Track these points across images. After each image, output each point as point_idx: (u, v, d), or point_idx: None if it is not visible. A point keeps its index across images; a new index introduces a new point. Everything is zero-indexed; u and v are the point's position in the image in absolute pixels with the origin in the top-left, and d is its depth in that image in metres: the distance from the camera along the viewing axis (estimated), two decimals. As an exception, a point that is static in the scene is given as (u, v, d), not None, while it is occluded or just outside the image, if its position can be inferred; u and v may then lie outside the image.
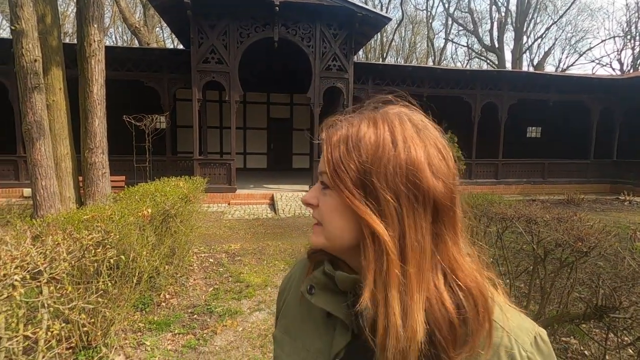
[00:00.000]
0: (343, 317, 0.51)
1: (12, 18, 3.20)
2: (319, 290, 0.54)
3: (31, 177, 3.53)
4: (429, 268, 0.45)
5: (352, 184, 0.47)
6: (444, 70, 11.90)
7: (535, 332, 0.48)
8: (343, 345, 0.50)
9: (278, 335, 0.61)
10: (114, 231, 2.30)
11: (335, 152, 0.49)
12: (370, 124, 0.49)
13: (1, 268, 1.57)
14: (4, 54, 9.11)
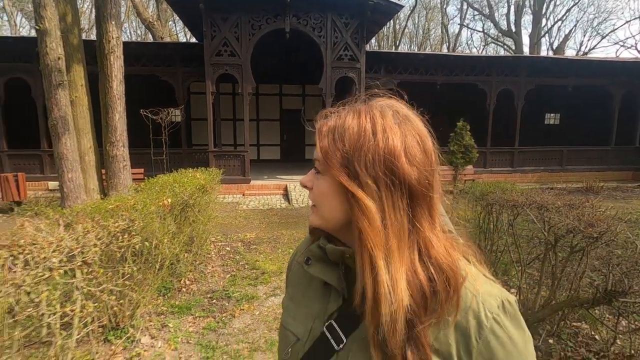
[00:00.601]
0: (335, 284, 0.59)
1: (36, 18, 3.36)
2: (315, 261, 0.62)
3: (58, 170, 3.74)
4: (406, 244, 0.52)
5: (339, 170, 0.53)
6: (457, 57, 11.69)
7: (503, 297, 0.53)
8: (335, 308, 0.59)
9: (285, 301, 0.71)
10: (138, 220, 2.44)
11: (324, 141, 0.55)
12: (355, 116, 0.55)
13: (41, 252, 1.72)
14: (25, 52, 9.44)
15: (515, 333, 0.52)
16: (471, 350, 0.50)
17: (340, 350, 0.56)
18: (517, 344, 0.51)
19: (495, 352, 0.50)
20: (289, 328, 0.65)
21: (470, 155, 4.63)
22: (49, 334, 1.79)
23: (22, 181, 7.29)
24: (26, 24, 31.28)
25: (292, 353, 0.61)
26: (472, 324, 0.51)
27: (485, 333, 0.50)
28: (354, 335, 0.55)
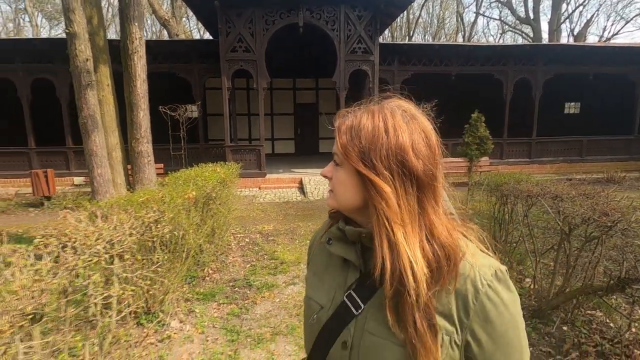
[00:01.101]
0: (354, 260, 0.69)
1: (66, 22, 3.54)
2: (335, 241, 0.72)
3: (88, 165, 3.96)
4: (416, 224, 0.62)
5: (357, 162, 0.62)
6: (473, 47, 11.51)
7: (495, 267, 0.63)
8: (354, 280, 0.69)
9: (308, 276, 0.83)
10: (167, 211, 2.61)
11: (343, 138, 0.65)
12: (369, 116, 0.64)
13: (85, 240, 1.90)
14: (50, 54, 9.80)
15: (506, 296, 0.62)
16: (469, 311, 0.61)
17: (359, 315, 0.66)
18: (507, 304, 0.62)
19: (489, 312, 0.61)
20: (314, 298, 0.76)
21: (485, 146, 4.62)
22: (94, 314, 1.97)
23: (51, 177, 7.66)
24: (46, 24, 32.18)
25: (317, 319, 0.73)
26: (470, 290, 0.61)
27: (480, 297, 0.60)
28: (370, 302, 0.65)
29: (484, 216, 4.34)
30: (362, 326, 0.65)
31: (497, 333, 0.61)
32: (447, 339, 0.61)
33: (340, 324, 0.68)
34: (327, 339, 0.70)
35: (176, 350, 2.69)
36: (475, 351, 0.62)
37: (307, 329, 0.76)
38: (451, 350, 0.61)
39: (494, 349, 0.62)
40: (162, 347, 2.73)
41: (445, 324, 0.61)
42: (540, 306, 2.98)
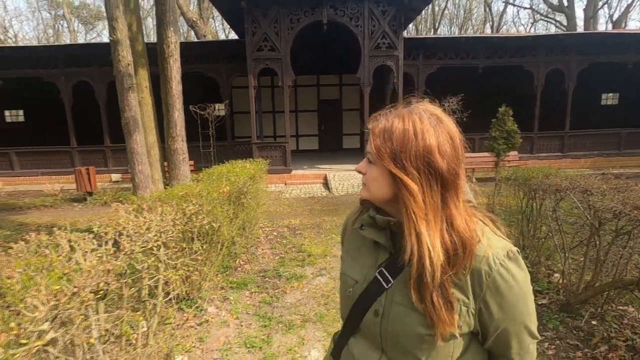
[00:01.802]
0: (384, 242, 0.80)
1: (110, 30, 3.84)
2: (367, 226, 0.84)
3: (130, 163, 4.27)
4: (439, 218, 0.72)
5: (389, 162, 0.72)
6: (501, 38, 11.20)
7: (508, 248, 0.73)
8: (384, 259, 0.81)
9: (343, 255, 0.94)
10: (206, 204, 2.82)
11: (377, 140, 0.74)
12: (400, 120, 0.73)
13: (137, 229, 2.11)
14: (88, 58, 10.43)
15: (517, 273, 0.72)
16: (482, 285, 0.71)
17: (389, 288, 0.77)
18: (517, 280, 0.72)
19: (500, 286, 0.71)
20: (349, 274, 0.88)
21: (513, 140, 4.55)
22: (145, 295, 2.19)
23: (93, 174, 8.20)
24: (82, 29, 33.88)
25: (353, 292, 0.85)
26: (484, 268, 0.71)
27: (493, 274, 0.71)
28: (399, 278, 0.76)
29: (511, 211, 4.30)
30: (392, 298, 0.77)
31: (507, 304, 0.72)
32: (464, 309, 0.72)
33: (373, 296, 0.79)
34: (361, 308, 0.82)
35: (214, 333, 2.91)
36: (487, 318, 0.73)
37: (343, 300, 0.89)
38: (468, 318, 0.73)
39: (504, 317, 0.72)
40: (201, 330, 2.95)
41: (462, 297, 0.72)
42: (568, 300, 2.97)
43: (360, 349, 0.83)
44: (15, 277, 1.42)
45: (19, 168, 11.18)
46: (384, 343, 0.78)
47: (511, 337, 0.75)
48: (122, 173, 10.88)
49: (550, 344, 2.61)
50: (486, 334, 0.76)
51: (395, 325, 0.75)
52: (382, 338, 0.78)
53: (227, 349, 2.68)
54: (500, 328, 0.73)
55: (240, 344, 2.75)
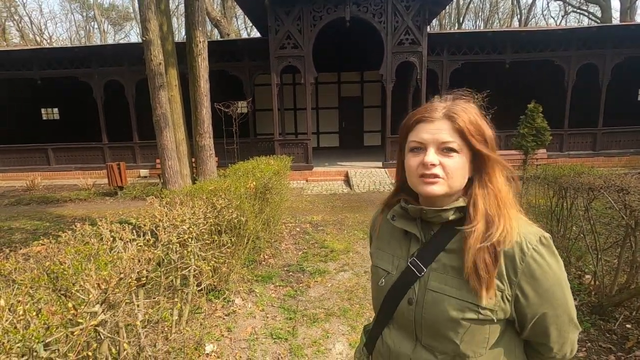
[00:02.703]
0: (416, 232, 0.83)
1: (142, 31, 4.01)
2: (398, 217, 0.87)
3: (160, 158, 4.44)
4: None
5: (482, 146, 0.78)
6: (530, 32, 10.80)
7: (540, 234, 0.75)
8: (416, 249, 0.83)
9: (373, 250, 0.97)
10: (234, 199, 2.90)
11: (470, 128, 0.78)
12: (475, 113, 0.80)
13: (172, 221, 2.21)
14: (119, 57, 10.83)
15: (549, 258, 0.74)
16: (517, 270, 0.73)
17: (421, 276, 0.80)
18: (551, 265, 0.74)
19: (534, 271, 0.73)
20: (380, 266, 0.91)
21: (542, 138, 4.41)
22: (179, 284, 2.30)
23: (123, 169, 8.54)
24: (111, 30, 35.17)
25: (385, 282, 0.88)
26: (517, 253, 0.73)
27: (526, 258, 0.72)
28: (431, 266, 0.79)
29: (539, 211, 4.19)
30: (425, 285, 0.79)
31: (543, 289, 0.73)
32: (499, 294, 0.73)
33: (406, 285, 0.82)
34: (394, 297, 0.84)
35: (241, 324, 3.00)
36: (523, 304, 0.74)
37: (376, 292, 0.92)
38: (503, 304, 0.74)
39: (541, 302, 0.74)
40: (228, 320, 3.06)
41: (497, 282, 0.73)
42: (601, 302, 2.88)
43: (395, 339, 0.85)
44: (67, 263, 1.53)
45: (55, 163, 11.78)
46: (419, 330, 0.80)
47: (549, 324, 0.75)
48: (150, 169, 11.27)
49: (581, 347, 2.55)
50: (524, 322, 0.77)
51: (430, 312, 0.77)
52: (416, 326, 0.80)
53: (254, 339, 2.77)
54: (538, 314, 0.74)
55: (267, 334, 2.83)
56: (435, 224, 0.82)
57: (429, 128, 0.78)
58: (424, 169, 0.77)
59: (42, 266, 1.52)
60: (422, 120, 0.80)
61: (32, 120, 14.92)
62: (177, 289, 2.19)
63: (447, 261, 0.78)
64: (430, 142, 0.77)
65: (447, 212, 0.79)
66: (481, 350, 0.76)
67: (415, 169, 0.79)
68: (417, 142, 0.79)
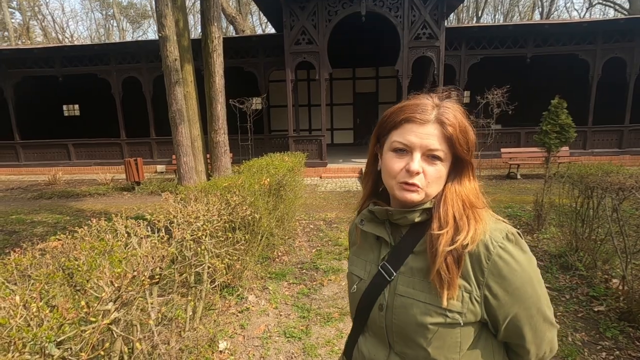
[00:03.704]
0: (384, 235, 0.81)
1: (158, 27, 4.02)
2: (367, 221, 0.84)
3: (176, 154, 4.47)
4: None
5: (466, 154, 0.75)
6: (553, 24, 10.41)
7: (507, 230, 0.72)
8: (386, 253, 0.81)
9: (350, 256, 0.95)
10: (248, 196, 2.88)
11: (458, 135, 0.74)
12: (463, 116, 0.76)
13: (187, 218, 2.20)
14: (137, 54, 11.00)
15: (517, 254, 0.70)
16: (484, 270, 0.69)
17: (391, 280, 0.78)
18: (519, 262, 0.70)
19: (502, 269, 0.69)
20: (354, 272, 0.88)
21: (566, 135, 4.21)
22: (193, 281, 2.29)
23: (140, 165, 8.68)
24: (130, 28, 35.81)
25: (358, 289, 0.85)
26: (482, 251, 0.69)
27: (492, 257, 0.69)
28: (400, 269, 0.77)
29: (563, 211, 4.02)
30: (394, 290, 0.77)
31: (512, 287, 0.69)
32: (466, 295, 0.70)
33: (377, 290, 0.80)
34: (367, 304, 0.82)
35: (254, 321, 2.99)
36: (494, 304, 0.70)
37: (351, 299, 0.90)
38: (472, 306, 0.70)
39: (511, 301, 0.70)
40: (242, 317, 3.04)
41: (464, 283, 0.70)
42: (630, 308, 2.74)
43: (370, 347, 0.83)
44: (82, 259, 1.53)
45: (75, 158, 12.09)
46: (391, 337, 0.78)
47: (523, 324, 0.72)
48: (167, 164, 11.44)
49: (609, 354, 2.43)
50: (496, 323, 0.73)
51: (399, 317, 0.75)
52: (387, 332, 0.78)
53: (268, 337, 2.75)
54: (510, 315, 0.71)
55: (280, 333, 2.81)
56: (403, 226, 0.79)
57: (418, 131, 0.73)
58: (407, 177, 0.73)
59: (58, 262, 1.52)
60: (412, 120, 0.74)
61: (55, 116, 15.36)
62: (190, 286, 2.17)
63: (414, 264, 0.76)
64: (417, 146, 0.73)
65: (413, 213, 0.76)
66: (454, 356, 0.72)
67: (396, 173, 0.75)
68: (403, 144, 0.74)
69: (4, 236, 5.53)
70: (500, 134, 10.51)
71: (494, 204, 6.59)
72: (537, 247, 4.39)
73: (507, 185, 8.41)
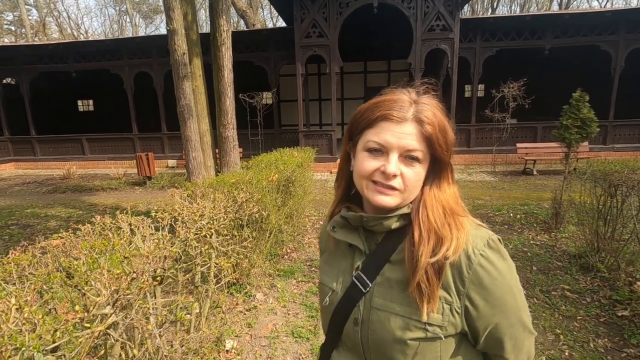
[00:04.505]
0: (357, 243, 0.75)
1: (167, 20, 3.97)
2: (339, 228, 0.77)
3: (184, 149, 4.44)
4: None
5: (444, 155, 0.69)
6: (574, 15, 10.00)
7: (488, 237, 0.68)
8: (360, 262, 0.75)
9: (321, 265, 0.88)
10: (256, 192, 2.81)
11: (438, 135, 0.68)
12: (442, 114, 0.70)
13: (191, 216, 2.14)
14: (148, 49, 11.03)
15: (498, 262, 0.66)
16: (464, 280, 0.65)
17: (367, 292, 0.72)
18: (500, 271, 0.66)
19: (483, 279, 0.65)
20: (326, 283, 0.81)
21: (588, 130, 4.00)
22: (198, 280, 2.24)
23: (152, 160, 8.73)
24: (142, 23, 36.11)
25: (330, 301, 0.78)
26: (463, 260, 0.65)
27: (474, 266, 0.65)
28: (376, 280, 0.71)
29: (584, 209, 3.85)
30: (370, 303, 0.71)
31: (493, 297, 0.66)
32: (447, 307, 0.66)
33: (351, 303, 0.74)
34: (340, 318, 0.76)
35: (262, 320, 2.94)
36: (474, 315, 0.67)
37: (323, 312, 0.83)
38: (452, 318, 0.66)
39: (492, 312, 0.67)
40: (249, 315, 3.00)
41: (444, 294, 0.66)
42: (657, 314, 2.59)
43: None
44: (82, 259, 1.48)
45: (89, 153, 12.26)
46: (367, 353, 0.73)
47: (503, 334, 0.69)
48: (178, 159, 11.51)
49: (634, 363, 2.29)
50: (476, 335, 0.70)
51: (376, 333, 0.70)
52: (364, 348, 0.73)
53: (275, 337, 2.69)
54: (491, 326, 0.68)
55: (288, 333, 2.75)
56: (378, 233, 0.74)
57: (394, 130, 0.67)
58: (382, 178, 0.67)
59: (57, 262, 1.47)
60: (388, 118, 0.67)
61: (70, 111, 15.61)
62: (196, 285, 2.12)
63: (391, 274, 0.71)
64: (394, 147, 0.66)
65: (390, 219, 0.71)
66: None
67: (369, 173, 0.68)
68: (379, 144, 0.67)
69: (18, 230, 5.62)
70: (515, 129, 10.22)
71: (509, 201, 6.40)
72: (555, 246, 4.23)
73: (522, 181, 8.17)
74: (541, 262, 3.83)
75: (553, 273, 3.57)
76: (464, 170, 9.87)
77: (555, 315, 2.86)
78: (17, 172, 11.96)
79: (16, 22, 30.39)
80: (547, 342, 2.54)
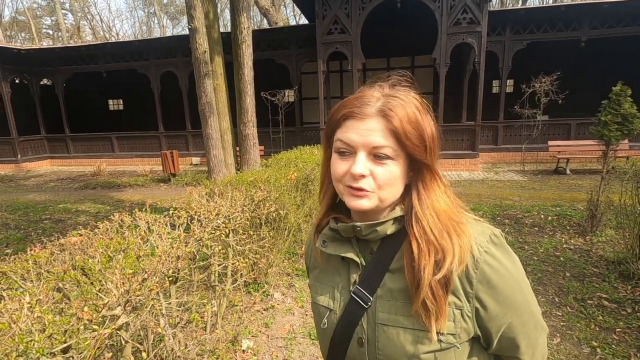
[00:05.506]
0: (352, 256, 0.68)
1: (188, 19, 4.00)
2: (330, 242, 0.71)
3: (205, 147, 4.48)
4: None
5: (421, 154, 0.63)
6: (614, 3, 9.36)
7: (490, 232, 0.65)
8: (356, 274, 0.69)
9: (311, 282, 0.80)
10: (273, 191, 2.77)
11: (409, 130, 0.62)
12: (414, 108, 0.63)
13: (208, 215, 2.12)
14: (173, 49, 11.28)
15: (503, 258, 0.63)
16: (472, 280, 0.62)
17: (369, 307, 0.66)
18: (507, 267, 0.63)
19: (491, 278, 0.62)
20: (321, 303, 0.73)
21: (630, 126, 3.68)
22: (214, 280, 2.22)
23: (176, 157, 8.93)
24: (170, 24, 37.14)
25: (329, 322, 0.71)
26: (469, 260, 0.62)
27: (480, 265, 0.62)
28: (377, 293, 0.66)
29: (623, 211, 3.57)
30: (374, 319, 0.66)
31: (503, 296, 0.63)
32: (457, 312, 0.62)
33: (353, 322, 0.68)
34: (342, 339, 0.69)
35: (279, 320, 2.90)
36: (485, 317, 0.63)
37: (321, 335, 0.75)
38: (464, 323, 0.63)
39: (503, 311, 0.63)
40: (267, 315, 2.97)
41: (453, 299, 0.62)
42: None
43: None
44: (97, 258, 1.48)
45: (118, 150, 12.72)
46: None
47: (517, 334, 0.65)
48: (201, 157, 11.73)
49: (683, 383, 2.09)
50: (489, 337, 0.66)
51: (385, 351, 0.65)
52: None
53: (292, 338, 2.65)
54: (504, 326, 0.64)
55: (305, 334, 2.70)
56: (373, 241, 0.68)
57: (358, 127, 0.62)
58: (351, 181, 0.63)
59: (73, 259, 1.48)
60: (351, 116, 0.63)
61: (101, 110, 16.25)
62: (212, 284, 2.10)
63: (393, 285, 0.65)
64: (359, 145, 0.62)
65: (384, 225, 0.66)
66: None
67: (341, 177, 0.64)
68: (346, 143, 0.63)
69: (51, 224, 5.88)
70: (547, 126, 9.72)
71: (539, 201, 6.08)
72: (590, 251, 3.96)
73: (554, 181, 7.76)
74: (575, 268, 3.59)
75: (589, 280, 3.34)
76: (491, 168, 9.50)
77: (591, 326, 2.66)
78: (52, 169, 12.58)
79: (53, 25, 32.02)
80: (582, 356, 2.37)
